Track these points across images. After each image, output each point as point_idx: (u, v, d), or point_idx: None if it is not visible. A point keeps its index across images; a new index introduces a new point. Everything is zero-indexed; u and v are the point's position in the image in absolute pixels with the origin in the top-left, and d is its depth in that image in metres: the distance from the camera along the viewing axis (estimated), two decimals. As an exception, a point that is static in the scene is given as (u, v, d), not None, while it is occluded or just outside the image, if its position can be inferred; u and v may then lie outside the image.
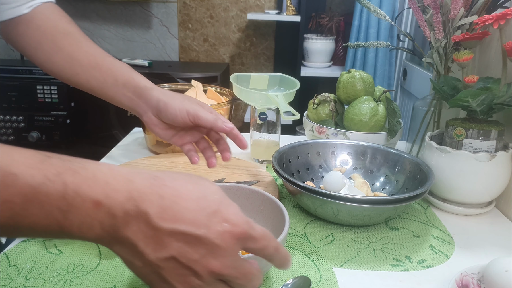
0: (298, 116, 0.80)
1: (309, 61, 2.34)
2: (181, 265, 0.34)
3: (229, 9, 2.51)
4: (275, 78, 0.98)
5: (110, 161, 0.91)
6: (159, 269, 0.34)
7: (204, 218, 0.35)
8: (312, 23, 2.39)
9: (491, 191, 0.71)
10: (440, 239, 0.66)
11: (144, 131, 0.96)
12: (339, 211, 0.63)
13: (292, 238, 0.64)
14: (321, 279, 0.55)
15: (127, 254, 0.35)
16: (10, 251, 0.58)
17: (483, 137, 0.69)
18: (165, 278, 0.35)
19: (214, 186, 0.39)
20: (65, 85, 2.10)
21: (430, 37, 0.78)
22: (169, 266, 0.34)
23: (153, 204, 0.34)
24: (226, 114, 0.96)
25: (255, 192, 0.62)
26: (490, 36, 0.79)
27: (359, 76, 0.93)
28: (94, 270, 0.55)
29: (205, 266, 0.34)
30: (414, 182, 0.72)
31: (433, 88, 0.77)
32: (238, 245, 0.36)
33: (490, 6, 0.73)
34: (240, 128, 2.72)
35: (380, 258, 0.60)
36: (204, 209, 0.35)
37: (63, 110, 2.13)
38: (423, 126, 0.85)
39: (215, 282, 0.35)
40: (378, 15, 0.86)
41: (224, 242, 0.35)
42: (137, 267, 0.35)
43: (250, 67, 2.62)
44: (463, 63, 0.71)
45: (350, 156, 0.82)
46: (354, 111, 0.89)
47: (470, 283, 0.52)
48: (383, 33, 2.09)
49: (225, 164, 0.87)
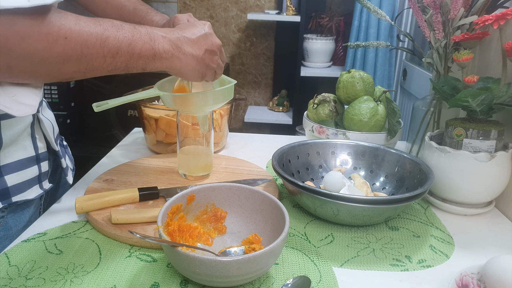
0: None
1: (309, 61, 2.34)
2: (209, 51, 0.65)
3: (229, 9, 2.51)
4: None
5: (110, 161, 0.91)
6: (205, 60, 0.65)
7: (200, 26, 0.66)
8: (312, 23, 2.39)
9: (491, 191, 0.71)
10: (440, 239, 0.66)
11: (144, 131, 0.96)
12: (339, 211, 0.63)
13: (292, 238, 0.64)
14: (321, 279, 0.55)
15: (191, 62, 0.63)
16: (10, 251, 0.58)
17: (483, 137, 0.69)
18: (208, 63, 0.66)
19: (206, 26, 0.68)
20: (65, 85, 2.10)
21: (430, 37, 0.78)
22: (206, 56, 0.65)
23: (183, 30, 0.64)
24: (226, 114, 0.96)
25: (255, 192, 0.62)
26: (490, 36, 0.79)
27: (359, 76, 0.93)
28: (94, 270, 0.55)
29: (216, 44, 0.67)
30: (414, 182, 0.72)
31: (433, 88, 0.77)
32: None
33: (490, 6, 0.73)
34: (240, 128, 2.72)
35: (380, 258, 0.60)
36: (202, 28, 0.66)
37: (63, 110, 2.13)
38: (423, 126, 0.85)
39: (218, 56, 0.68)
40: (378, 15, 0.86)
41: (210, 30, 0.67)
42: (196, 68, 0.64)
43: (250, 67, 2.62)
44: (463, 63, 0.71)
45: (350, 156, 0.83)
46: (354, 111, 0.89)
47: (470, 283, 0.52)
48: (383, 33, 2.09)
49: (225, 164, 0.88)
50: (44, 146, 0.70)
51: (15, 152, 0.65)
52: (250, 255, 0.47)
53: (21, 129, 0.65)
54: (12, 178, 0.64)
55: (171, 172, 0.83)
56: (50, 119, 0.74)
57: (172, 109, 0.86)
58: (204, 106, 0.73)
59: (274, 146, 0.97)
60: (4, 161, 0.63)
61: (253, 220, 0.62)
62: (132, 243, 0.61)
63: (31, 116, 0.67)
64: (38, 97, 0.59)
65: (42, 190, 0.70)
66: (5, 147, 0.63)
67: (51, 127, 0.73)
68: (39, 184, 0.69)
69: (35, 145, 0.68)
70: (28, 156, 0.66)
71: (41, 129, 0.70)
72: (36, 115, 0.68)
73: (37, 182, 0.69)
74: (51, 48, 0.48)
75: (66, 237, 0.62)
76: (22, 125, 0.65)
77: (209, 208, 0.63)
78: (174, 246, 0.49)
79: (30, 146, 0.67)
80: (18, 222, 0.67)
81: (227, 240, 0.61)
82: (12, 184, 0.64)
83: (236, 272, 0.48)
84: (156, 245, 0.60)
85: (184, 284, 0.53)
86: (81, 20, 0.51)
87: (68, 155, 0.83)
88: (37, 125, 0.69)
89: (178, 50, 0.61)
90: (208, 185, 0.63)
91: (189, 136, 0.80)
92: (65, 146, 0.83)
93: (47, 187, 0.71)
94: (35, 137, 0.68)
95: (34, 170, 0.68)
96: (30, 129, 0.67)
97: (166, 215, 0.56)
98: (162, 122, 0.89)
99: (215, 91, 0.72)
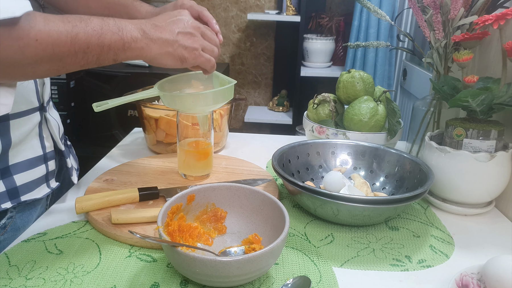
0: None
1: (309, 61, 2.34)
2: (184, 33, 0.62)
3: (229, 9, 2.51)
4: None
5: (110, 161, 0.91)
6: (179, 42, 0.62)
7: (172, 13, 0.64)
8: (312, 23, 2.39)
9: (491, 191, 0.71)
10: (440, 239, 0.66)
11: (144, 131, 0.96)
12: (339, 211, 0.63)
13: (292, 238, 0.64)
14: (321, 279, 0.55)
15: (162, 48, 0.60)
16: (10, 251, 0.58)
17: (483, 137, 0.69)
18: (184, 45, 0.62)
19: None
20: (65, 85, 2.10)
21: (430, 37, 0.78)
22: (180, 37, 0.62)
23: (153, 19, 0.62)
24: (226, 114, 0.96)
25: (255, 192, 0.62)
26: (490, 36, 0.79)
27: (359, 76, 0.93)
28: (94, 270, 0.55)
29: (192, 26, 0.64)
30: (414, 182, 0.72)
31: (433, 88, 0.77)
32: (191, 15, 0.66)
33: (490, 6, 0.73)
34: (240, 128, 2.72)
35: (380, 258, 0.60)
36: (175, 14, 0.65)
37: (63, 110, 2.13)
38: (423, 126, 0.85)
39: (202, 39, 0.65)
40: (378, 15, 0.86)
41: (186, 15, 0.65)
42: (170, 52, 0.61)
43: (250, 67, 2.62)
44: (463, 63, 0.71)
45: (350, 156, 0.83)
46: (354, 111, 0.89)
47: (470, 283, 0.52)
48: (383, 33, 2.09)
49: (225, 164, 0.88)
50: (51, 145, 0.71)
51: (24, 151, 0.65)
52: (250, 255, 0.47)
53: (30, 128, 0.66)
54: (20, 178, 0.65)
55: (171, 172, 0.83)
56: (56, 118, 0.75)
57: (172, 109, 0.86)
58: (204, 106, 0.73)
59: (274, 146, 0.97)
60: (13, 161, 0.64)
61: (253, 220, 0.62)
62: (132, 243, 0.61)
63: (39, 115, 0.67)
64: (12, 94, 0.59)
65: (49, 189, 0.70)
66: (14, 146, 0.63)
67: (57, 127, 0.74)
68: (47, 183, 0.70)
69: (42, 144, 0.69)
70: (36, 155, 0.67)
71: (48, 128, 0.71)
72: (43, 114, 0.69)
73: (44, 181, 0.69)
74: (23, 51, 0.49)
75: (66, 237, 0.62)
76: (30, 124, 0.66)
77: (209, 208, 0.63)
78: (174, 246, 0.49)
79: (38, 145, 0.68)
80: (26, 223, 0.67)
81: (227, 240, 0.61)
82: (21, 184, 0.65)
83: (236, 272, 0.48)
84: (156, 245, 0.60)
85: (184, 284, 0.53)
86: (50, 20, 0.51)
87: (73, 155, 0.83)
88: (44, 125, 0.70)
89: (146, 36, 0.59)
90: (208, 185, 0.63)
91: (189, 136, 0.80)
92: (69, 145, 0.84)
93: (54, 186, 0.72)
94: (43, 136, 0.69)
95: (42, 169, 0.68)
96: (38, 129, 0.68)
97: (166, 215, 0.56)
98: (162, 122, 0.89)
99: (215, 91, 0.72)
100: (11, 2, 0.47)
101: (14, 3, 0.47)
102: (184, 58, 0.63)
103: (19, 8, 0.47)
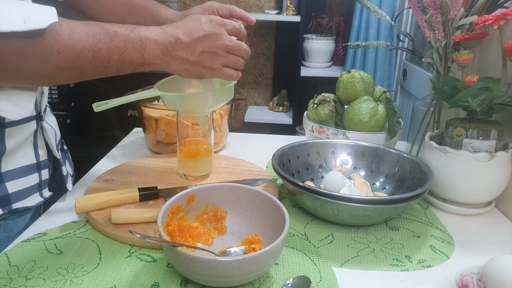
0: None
1: (309, 61, 2.34)
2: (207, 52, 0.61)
3: (229, 9, 2.50)
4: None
5: (110, 161, 0.91)
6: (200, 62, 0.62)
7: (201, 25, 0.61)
8: (312, 23, 2.39)
9: (491, 191, 0.71)
10: (440, 239, 0.66)
11: (144, 131, 0.96)
12: (339, 211, 0.63)
13: (292, 238, 0.64)
14: (321, 279, 0.55)
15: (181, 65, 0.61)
16: (10, 251, 0.58)
17: (483, 137, 0.69)
18: (205, 65, 0.62)
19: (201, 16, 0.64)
20: (65, 85, 2.11)
21: (430, 37, 0.78)
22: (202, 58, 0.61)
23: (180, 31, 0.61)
24: (226, 114, 0.96)
25: (255, 192, 0.62)
26: (490, 36, 0.79)
27: (359, 76, 0.93)
28: (94, 270, 0.55)
29: (218, 45, 0.62)
30: (414, 182, 0.72)
31: (433, 88, 0.77)
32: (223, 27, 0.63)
33: (490, 6, 0.73)
34: (240, 128, 2.72)
35: (380, 258, 0.60)
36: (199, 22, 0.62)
37: (63, 110, 2.13)
38: (423, 126, 0.85)
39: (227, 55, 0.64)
40: (378, 15, 0.86)
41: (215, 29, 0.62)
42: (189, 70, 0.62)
43: (250, 67, 2.62)
44: (463, 63, 0.71)
45: (350, 156, 0.83)
46: (354, 111, 0.89)
47: (470, 283, 0.52)
48: (383, 33, 2.09)
49: (225, 164, 0.88)
50: (45, 154, 0.70)
51: (17, 159, 0.65)
52: (250, 255, 0.47)
53: (25, 137, 0.65)
54: (13, 185, 0.64)
55: (171, 172, 0.83)
56: (53, 125, 0.74)
57: (172, 109, 0.85)
58: (204, 106, 0.73)
59: (274, 146, 0.97)
60: (5, 168, 0.63)
61: (253, 220, 0.62)
62: (132, 243, 0.61)
63: (35, 124, 0.67)
64: (33, 98, 0.60)
65: (42, 198, 0.69)
66: (8, 154, 0.63)
67: (54, 134, 0.73)
68: (39, 192, 0.69)
69: (36, 152, 0.68)
70: (29, 163, 0.66)
71: (43, 137, 0.70)
72: (40, 123, 0.68)
73: (37, 189, 0.69)
74: (45, 63, 0.51)
75: (66, 237, 0.62)
76: (26, 133, 0.65)
77: (209, 208, 0.63)
78: (174, 246, 0.49)
79: (31, 153, 0.67)
80: (19, 223, 0.67)
81: (227, 240, 0.61)
82: (13, 191, 0.64)
83: (236, 272, 0.48)
84: (156, 245, 0.60)
85: (184, 284, 0.53)
86: (75, 32, 0.52)
87: (68, 161, 0.82)
88: (40, 133, 0.69)
89: (168, 55, 0.60)
90: (208, 185, 0.63)
91: (189, 136, 0.80)
92: (66, 150, 0.83)
93: (47, 196, 0.71)
94: (37, 145, 0.68)
95: (35, 177, 0.68)
96: (33, 137, 0.67)
97: (166, 215, 0.56)
98: (162, 122, 0.89)
99: (215, 91, 0.72)
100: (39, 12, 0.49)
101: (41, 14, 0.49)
102: (201, 75, 0.64)
103: (46, 20, 0.49)
